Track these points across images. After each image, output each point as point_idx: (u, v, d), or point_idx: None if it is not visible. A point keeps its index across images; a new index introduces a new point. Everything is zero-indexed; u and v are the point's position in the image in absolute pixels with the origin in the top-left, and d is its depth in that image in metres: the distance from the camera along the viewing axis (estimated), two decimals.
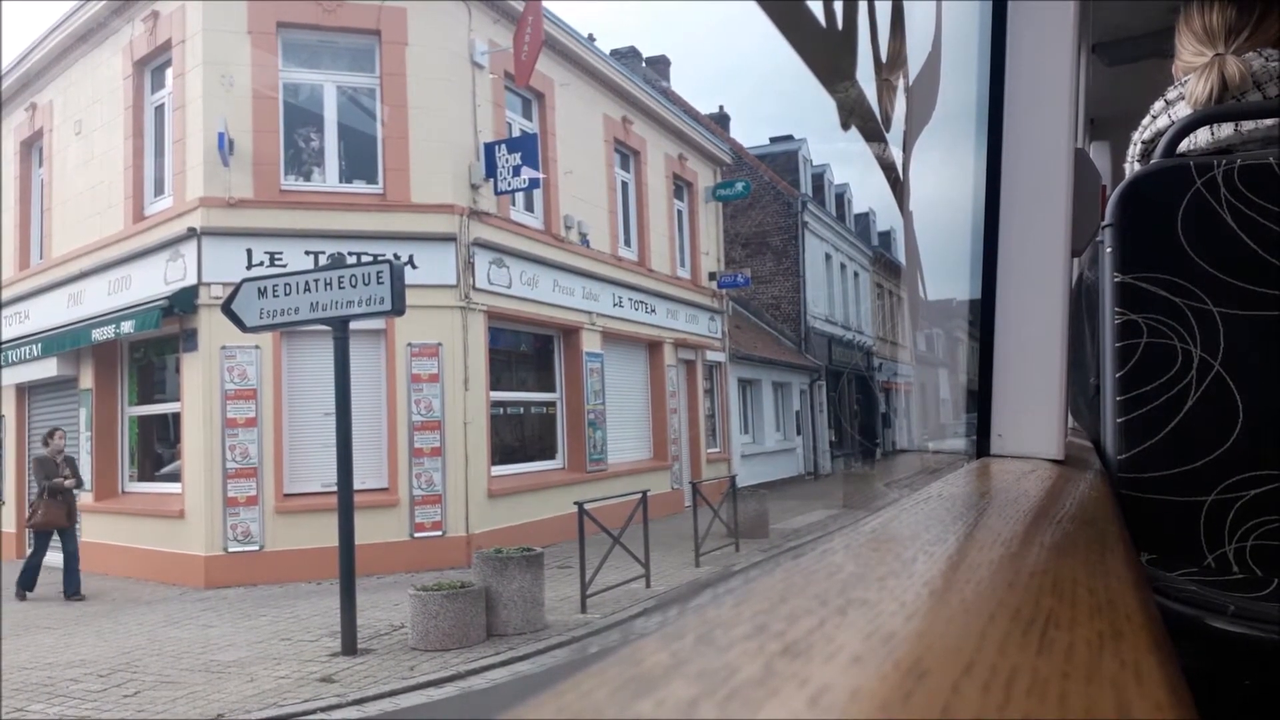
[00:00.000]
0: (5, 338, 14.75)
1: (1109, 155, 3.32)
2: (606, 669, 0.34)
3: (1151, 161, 1.52)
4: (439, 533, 11.80)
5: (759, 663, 0.34)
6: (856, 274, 33.12)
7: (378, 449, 11.70)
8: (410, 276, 9.76)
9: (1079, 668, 0.39)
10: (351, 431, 8.14)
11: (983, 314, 1.43)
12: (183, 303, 11.27)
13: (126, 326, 11.74)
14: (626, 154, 17.85)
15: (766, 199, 27.42)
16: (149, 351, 13.17)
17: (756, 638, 0.38)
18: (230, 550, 11.06)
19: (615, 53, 23.37)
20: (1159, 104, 1.69)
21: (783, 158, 29.84)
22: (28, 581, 10.88)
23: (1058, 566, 0.62)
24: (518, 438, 14.48)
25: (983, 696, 0.33)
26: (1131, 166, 1.73)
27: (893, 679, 0.34)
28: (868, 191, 36.55)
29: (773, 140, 31.31)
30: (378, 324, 11.21)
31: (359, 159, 12.38)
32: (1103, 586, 0.59)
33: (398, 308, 8.32)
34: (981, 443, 1.42)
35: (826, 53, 1.31)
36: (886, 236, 37.56)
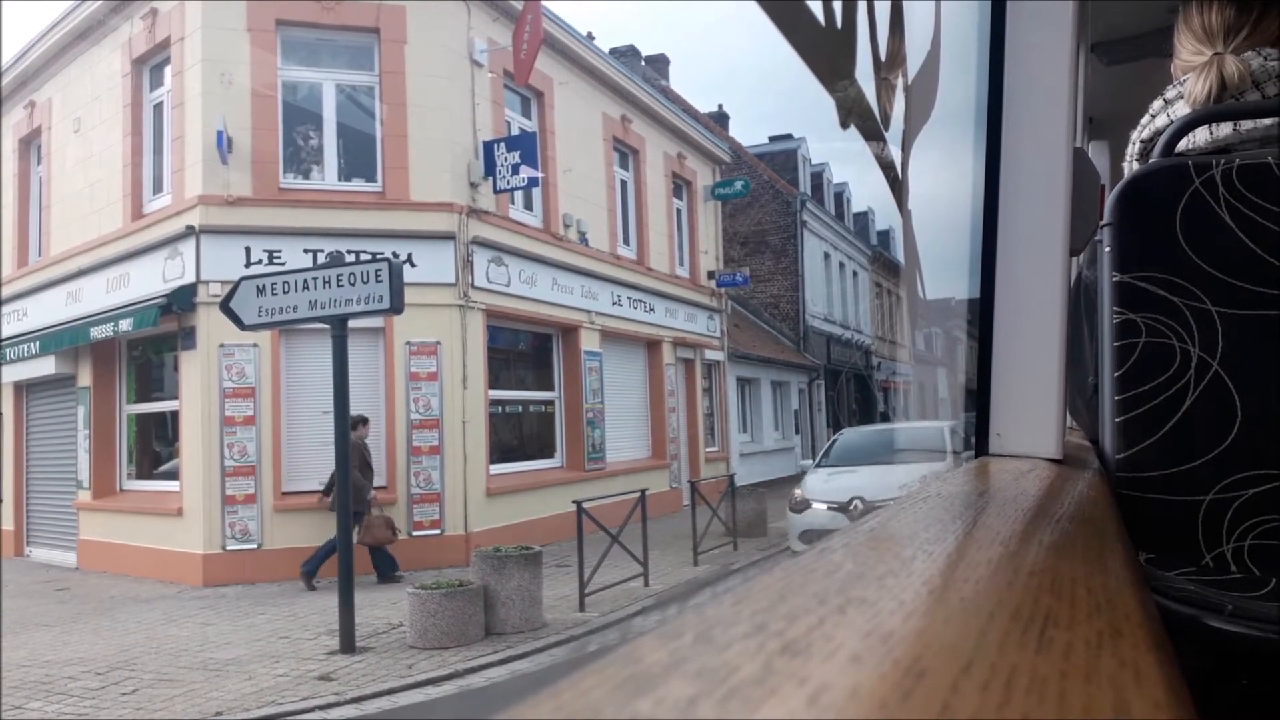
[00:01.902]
0: (3, 335, 14.73)
1: (1107, 154, 3.32)
2: (605, 667, 0.34)
3: (1150, 161, 1.52)
4: (437, 531, 11.81)
5: (758, 661, 0.34)
6: (855, 273, 33.15)
7: (376, 447, 11.68)
8: (409, 275, 9.75)
9: (1078, 667, 0.39)
10: (350, 430, 8.15)
11: (981, 313, 1.43)
12: (181, 301, 11.26)
13: (125, 324, 11.73)
14: (625, 152, 17.85)
15: (765, 198, 27.43)
16: (147, 349, 13.17)
17: (755, 636, 0.38)
18: (228, 548, 11.06)
19: (614, 51, 23.37)
20: (1158, 103, 1.69)
21: (781, 156, 29.86)
22: (313, 569, 10.34)
23: (1056, 565, 0.62)
24: (516, 436, 14.49)
25: (982, 695, 0.33)
26: (1130, 166, 1.73)
27: (892, 678, 0.34)
28: (866, 190, 36.60)
29: (772, 139, 31.33)
30: (376, 322, 11.21)
31: (358, 157, 12.37)
32: (1101, 586, 0.59)
33: (396, 306, 8.32)
34: (980, 442, 1.42)
35: (826, 52, 1.31)
36: (885, 235, 37.58)
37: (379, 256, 9.47)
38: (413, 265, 11.58)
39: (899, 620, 0.42)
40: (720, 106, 31.74)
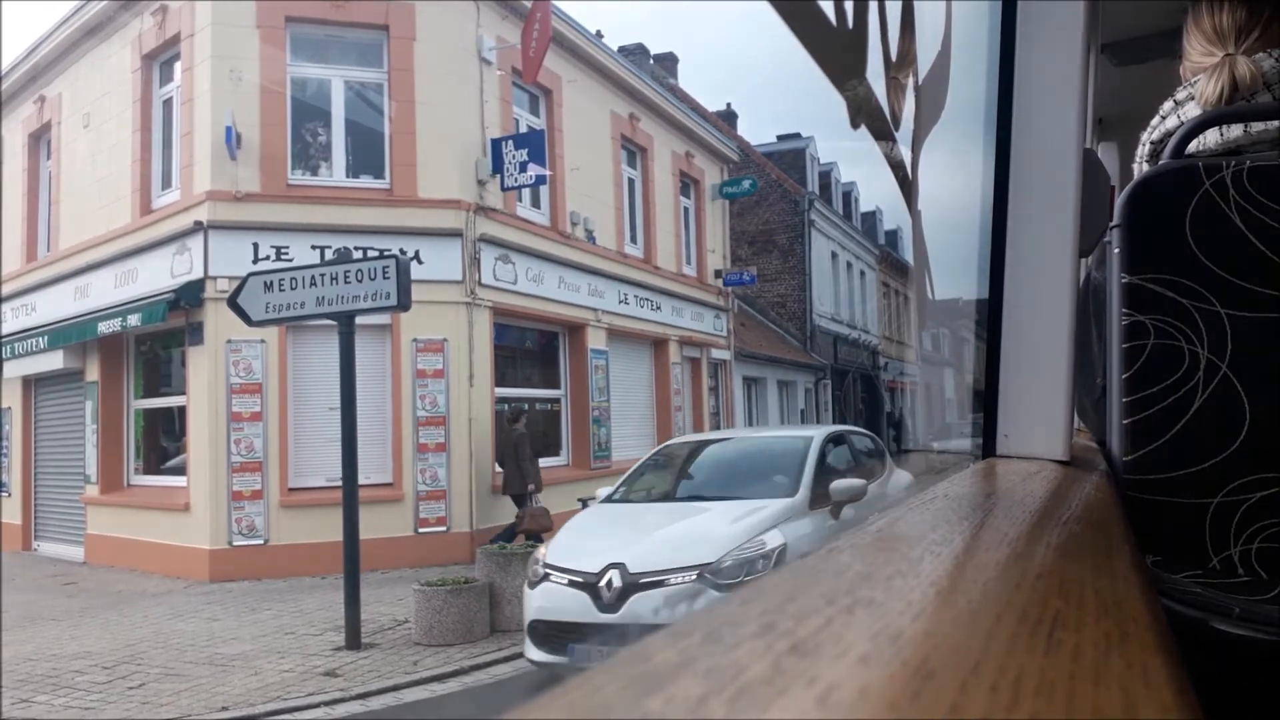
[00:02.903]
0: (12, 330, 14.79)
1: (1117, 155, 3.31)
2: (615, 666, 0.34)
3: (1160, 162, 1.51)
4: (443, 528, 11.82)
5: (767, 661, 0.35)
6: (863, 272, 33.08)
7: (382, 444, 11.71)
8: (416, 272, 9.76)
9: (1086, 669, 0.39)
10: (356, 426, 8.16)
11: (990, 314, 1.42)
12: (189, 296, 11.29)
13: (132, 319, 11.77)
14: (633, 151, 17.84)
15: (773, 197, 27.39)
16: (155, 345, 13.21)
17: (764, 636, 0.38)
18: (235, 544, 11.09)
19: (623, 49, 23.35)
20: (1168, 104, 1.68)
21: (790, 155, 29.80)
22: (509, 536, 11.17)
23: (1064, 568, 0.62)
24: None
25: (991, 697, 0.33)
26: (1140, 167, 1.73)
27: (900, 679, 0.34)
28: (874, 190, 36.49)
29: (780, 138, 31.28)
30: (383, 319, 11.22)
31: (366, 154, 12.39)
32: (1109, 588, 0.59)
33: (403, 303, 8.33)
34: (988, 443, 1.42)
35: (837, 51, 1.31)
36: (893, 235, 37.49)
37: (386, 253, 9.50)
38: (420, 262, 11.58)
39: (907, 621, 0.42)
40: (728, 105, 31.75)
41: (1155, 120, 1.70)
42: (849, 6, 1.29)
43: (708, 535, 6.72)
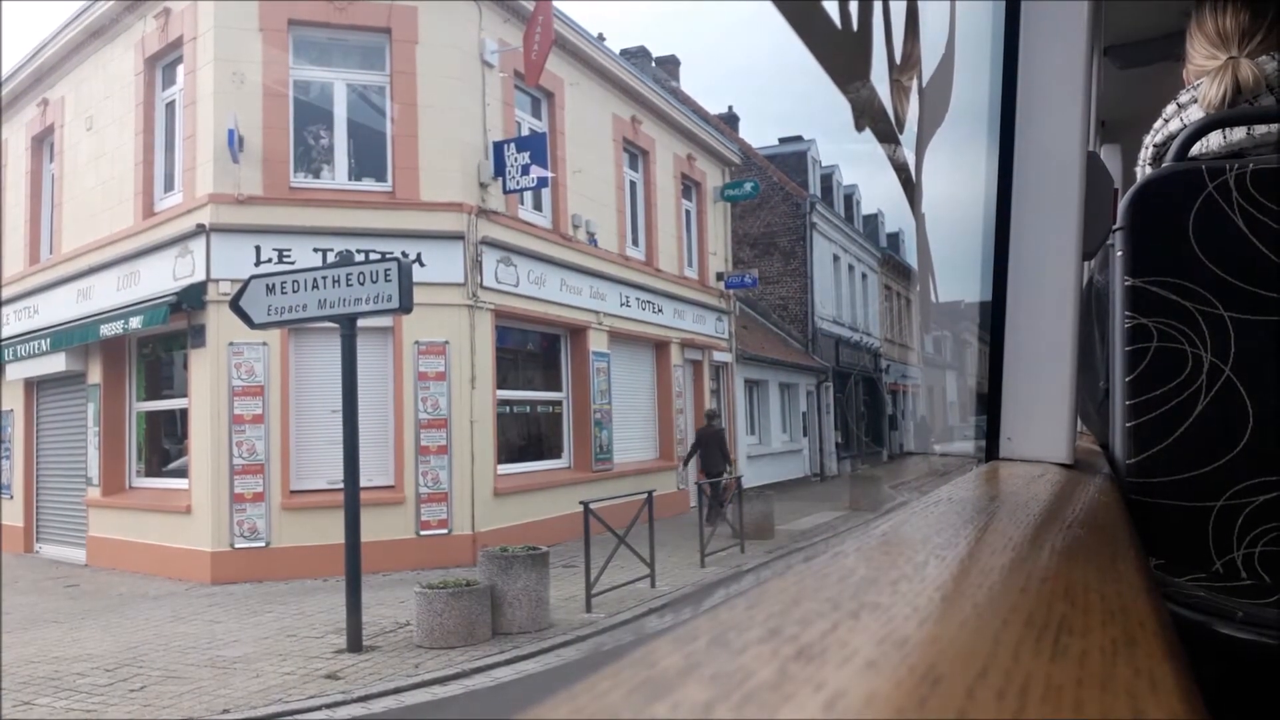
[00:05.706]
0: (15, 332, 14.80)
1: (1120, 158, 3.31)
2: (620, 670, 0.34)
3: (1163, 165, 1.51)
4: (445, 531, 11.82)
5: (773, 666, 0.34)
6: (865, 275, 33.08)
7: (384, 446, 11.71)
8: (418, 274, 9.76)
9: (1093, 675, 0.39)
10: (358, 429, 8.16)
11: (993, 317, 1.42)
12: (191, 299, 11.30)
13: (135, 322, 11.77)
14: (635, 153, 17.85)
15: (775, 199, 27.39)
16: (157, 347, 13.22)
17: (770, 641, 0.38)
18: (236, 546, 11.09)
19: (625, 52, 23.40)
20: (1171, 107, 1.68)
21: (792, 158, 29.82)
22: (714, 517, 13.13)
23: (1069, 571, 0.62)
24: (524, 437, 14.50)
25: (998, 703, 0.33)
26: (1143, 170, 1.73)
27: (907, 684, 0.34)
28: (876, 192, 36.53)
29: (781, 141, 31.30)
30: (385, 322, 11.23)
31: (368, 157, 12.40)
32: (1114, 592, 0.59)
33: (405, 305, 8.33)
34: (990, 446, 1.42)
35: (842, 53, 1.31)
36: (895, 238, 37.50)
37: (388, 256, 9.49)
38: (422, 265, 11.59)
39: (913, 626, 0.42)
40: (730, 108, 31.74)
41: (1158, 123, 1.70)
42: (853, 8, 1.29)
43: None
